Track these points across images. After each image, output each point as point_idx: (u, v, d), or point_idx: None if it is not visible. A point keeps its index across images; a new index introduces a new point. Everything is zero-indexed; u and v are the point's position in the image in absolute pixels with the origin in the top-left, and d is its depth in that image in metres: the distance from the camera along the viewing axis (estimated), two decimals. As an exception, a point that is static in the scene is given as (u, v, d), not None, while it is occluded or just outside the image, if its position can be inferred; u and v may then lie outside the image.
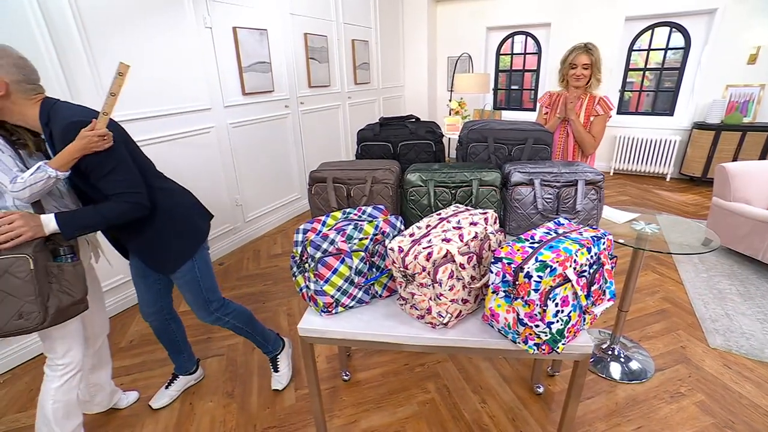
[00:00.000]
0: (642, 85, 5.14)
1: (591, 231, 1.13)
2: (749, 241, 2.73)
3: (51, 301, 1.17)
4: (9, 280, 1.11)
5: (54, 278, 1.19)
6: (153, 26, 2.49)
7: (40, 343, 2.17)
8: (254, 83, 3.34)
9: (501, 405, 1.71)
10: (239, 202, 3.38)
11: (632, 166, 5.14)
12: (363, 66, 4.83)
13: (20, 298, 1.12)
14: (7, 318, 1.12)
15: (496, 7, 5.39)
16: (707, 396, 1.74)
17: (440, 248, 1.07)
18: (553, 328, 1.00)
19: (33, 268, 1.13)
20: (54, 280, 1.19)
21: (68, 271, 1.22)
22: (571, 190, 1.43)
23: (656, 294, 2.51)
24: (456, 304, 1.13)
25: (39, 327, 1.16)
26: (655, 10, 4.62)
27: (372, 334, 1.19)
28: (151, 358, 2.09)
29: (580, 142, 2.08)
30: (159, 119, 2.61)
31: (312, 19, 3.93)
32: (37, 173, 1.15)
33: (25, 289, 1.13)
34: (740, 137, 4.36)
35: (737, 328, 2.20)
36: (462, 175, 1.45)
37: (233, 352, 2.13)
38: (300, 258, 1.26)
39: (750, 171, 2.87)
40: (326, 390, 1.82)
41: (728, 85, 4.54)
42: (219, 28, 2.95)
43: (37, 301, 1.14)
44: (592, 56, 1.98)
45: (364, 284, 1.25)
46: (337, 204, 1.52)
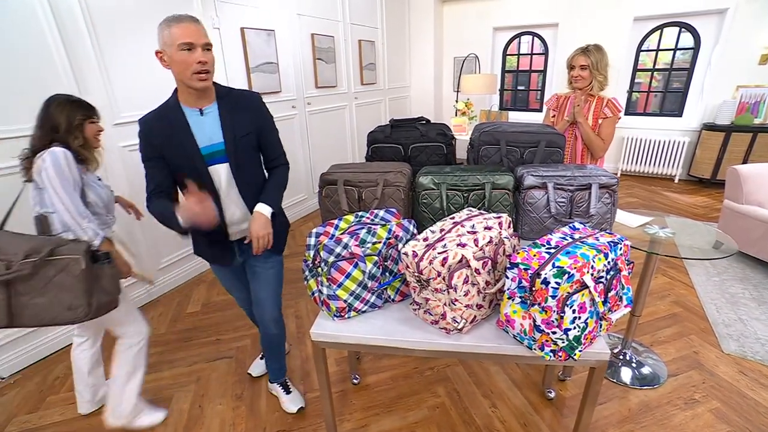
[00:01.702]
0: (650, 86, 5.09)
1: (608, 236, 1.12)
2: (762, 244, 2.70)
3: (94, 298, 1.35)
4: (64, 277, 1.30)
5: (96, 278, 1.36)
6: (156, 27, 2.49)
7: (49, 343, 2.22)
8: (261, 84, 3.34)
9: (512, 410, 1.69)
10: (246, 202, 3.38)
11: (640, 167, 5.10)
12: (369, 66, 4.82)
13: (71, 293, 1.31)
14: (61, 310, 1.31)
15: (502, 8, 5.36)
16: (722, 403, 1.71)
17: (455, 253, 1.05)
18: (570, 335, 0.99)
19: (84, 268, 1.30)
20: (96, 279, 1.36)
21: (106, 271, 1.39)
22: (585, 194, 1.42)
23: (667, 298, 2.49)
24: (471, 310, 1.12)
25: (84, 319, 1.34)
26: (664, 10, 4.57)
27: (385, 339, 1.18)
28: (160, 359, 2.09)
29: (589, 145, 2.06)
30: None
31: (319, 20, 3.92)
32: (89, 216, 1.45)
33: (77, 285, 1.31)
34: (751, 138, 4.31)
35: (752, 333, 2.17)
36: (474, 179, 1.43)
37: (242, 354, 2.13)
38: (312, 262, 1.26)
39: (763, 173, 2.83)
40: (336, 393, 1.81)
41: (739, 85, 4.48)
42: (227, 29, 2.95)
43: (84, 297, 1.32)
44: (590, 58, 1.96)
45: (378, 289, 1.24)
46: (348, 207, 1.51)
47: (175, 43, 1.22)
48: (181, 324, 2.40)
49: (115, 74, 2.27)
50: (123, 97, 2.33)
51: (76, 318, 1.33)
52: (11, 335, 2.03)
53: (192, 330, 2.34)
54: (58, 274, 1.29)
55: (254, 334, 2.28)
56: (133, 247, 1.79)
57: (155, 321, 2.42)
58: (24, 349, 2.09)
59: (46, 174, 1.35)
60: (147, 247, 2.59)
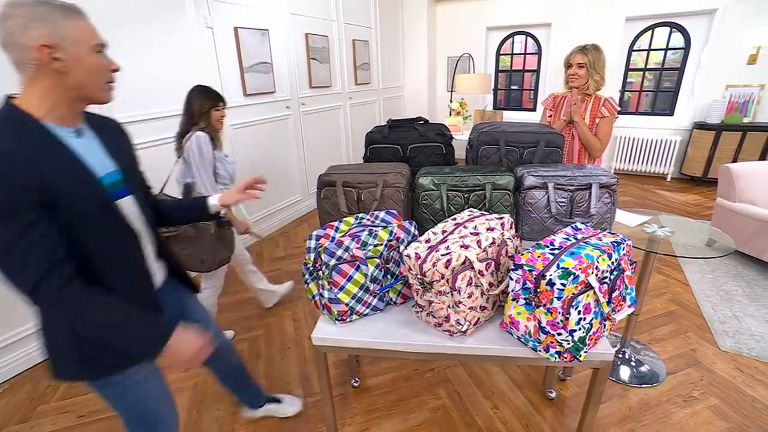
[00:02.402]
0: (642, 86, 5.14)
1: (610, 236, 1.11)
2: (754, 241, 2.73)
3: (217, 255, 1.77)
4: (201, 239, 1.71)
5: (220, 240, 1.77)
6: (153, 26, 2.45)
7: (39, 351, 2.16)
8: (255, 84, 3.30)
9: (513, 410, 1.69)
10: (241, 204, 3.34)
11: (633, 166, 5.15)
12: (363, 66, 4.80)
13: (203, 249, 1.73)
14: (196, 262, 1.73)
15: (496, 7, 5.38)
16: (721, 400, 1.73)
17: (459, 255, 1.04)
18: (576, 336, 0.99)
19: (213, 231, 1.74)
20: (220, 240, 1.77)
21: (227, 234, 1.83)
22: (585, 194, 1.42)
23: (663, 296, 2.51)
24: (474, 312, 1.11)
25: (207, 271, 1.79)
26: (655, 11, 4.62)
27: (388, 342, 1.17)
28: (155, 365, 2.05)
29: (586, 144, 2.06)
30: (160, 121, 2.57)
31: (313, 19, 3.90)
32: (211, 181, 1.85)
33: (207, 245, 1.73)
34: (740, 137, 4.37)
35: (746, 330, 2.19)
36: (475, 179, 1.42)
37: (239, 358, 2.10)
38: (313, 265, 1.24)
39: (754, 172, 2.87)
40: (336, 397, 1.79)
41: (728, 85, 4.54)
42: (220, 28, 2.91)
43: (210, 254, 1.74)
44: (587, 56, 1.97)
45: (379, 291, 1.22)
46: (347, 209, 1.50)
47: (88, 42, 0.90)
48: (176, 328, 2.36)
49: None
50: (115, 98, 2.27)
51: (202, 269, 1.76)
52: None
53: (187, 334, 2.30)
54: (199, 235, 1.71)
55: (251, 338, 2.25)
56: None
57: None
58: (13, 357, 2.03)
59: (191, 153, 1.81)
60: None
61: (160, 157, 2.58)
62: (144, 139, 2.47)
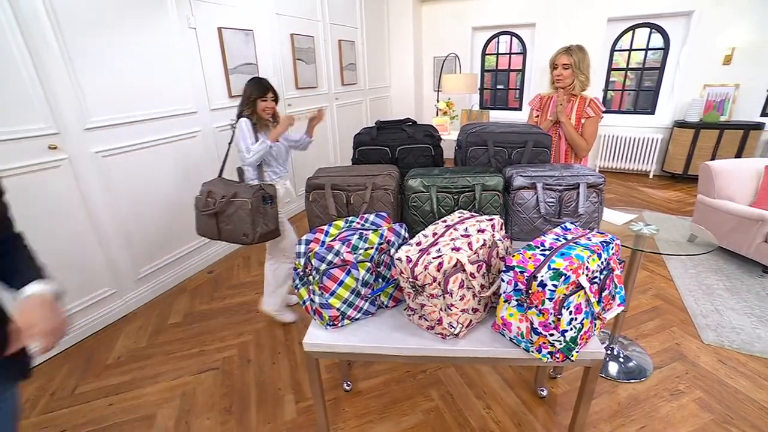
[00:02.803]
0: (624, 85, 5.24)
1: (599, 236, 1.13)
2: (733, 236, 2.81)
3: (258, 228, 1.90)
4: (240, 213, 1.88)
5: (261, 215, 1.91)
6: (134, 26, 2.39)
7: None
8: (241, 85, 3.18)
9: (506, 410, 1.70)
10: (227, 207, 3.29)
11: (617, 163, 5.24)
12: (350, 67, 4.78)
13: (244, 224, 1.88)
14: (238, 235, 1.91)
15: (480, 8, 5.42)
16: (705, 392, 1.77)
17: (450, 257, 1.04)
18: (567, 336, 0.99)
19: (250, 207, 1.86)
20: (261, 216, 1.91)
21: (269, 211, 1.95)
22: (573, 194, 1.43)
23: (648, 291, 2.56)
24: (466, 314, 1.11)
25: (250, 243, 1.92)
26: (635, 12, 4.72)
27: (381, 347, 1.16)
28: (141, 375, 2.00)
29: (573, 144, 2.08)
30: (143, 124, 2.51)
31: (298, 20, 3.86)
32: (261, 145, 2.00)
33: (246, 219, 1.87)
34: (718, 135, 4.49)
35: (727, 323, 2.25)
36: (464, 180, 1.42)
37: (228, 364, 2.07)
38: (303, 270, 1.22)
39: (732, 169, 2.95)
40: (328, 402, 1.78)
41: (705, 84, 4.67)
42: (203, 29, 2.86)
43: (251, 227, 1.88)
44: (572, 57, 1.99)
45: (371, 295, 1.21)
46: (336, 212, 1.48)
47: None
48: (163, 336, 2.31)
49: (85, 78, 2.15)
50: (94, 101, 2.21)
51: (245, 242, 1.91)
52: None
53: (174, 342, 2.25)
54: (237, 211, 1.88)
55: (241, 344, 2.22)
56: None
57: (135, 335, 2.32)
58: None
59: (234, 137, 2.05)
60: (123, 256, 2.48)
61: (145, 161, 2.53)
62: (126, 142, 2.41)
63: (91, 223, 2.26)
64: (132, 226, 2.51)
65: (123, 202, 2.44)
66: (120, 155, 2.39)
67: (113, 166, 2.35)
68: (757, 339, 2.11)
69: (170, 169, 2.75)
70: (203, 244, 3.09)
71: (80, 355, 2.16)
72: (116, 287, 2.44)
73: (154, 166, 2.63)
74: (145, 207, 2.60)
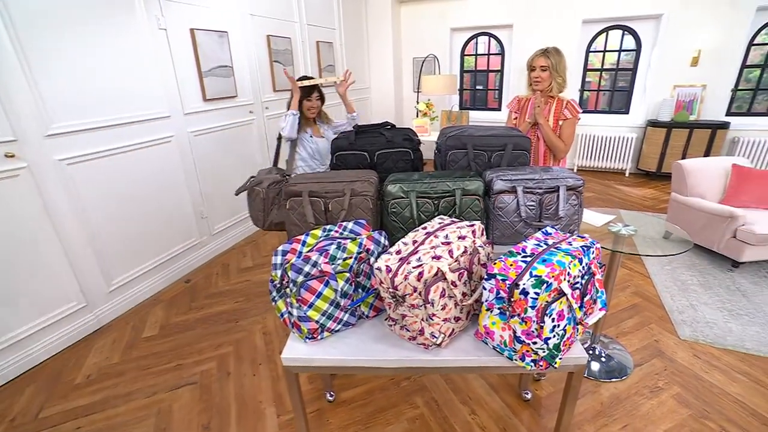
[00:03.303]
0: (599, 85, 5.36)
1: (580, 240, 1.12)
2: (705, 233, 2.89)
3: (269, 217, 1.99)
4: (257, 200, 1.98)
5: (275, 206, 1.98)
6: (99, 27, 2.28)
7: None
8: (216, 89, 3.16)
9: (491, 414, 1.69)
10: (204, 214, 3.19)
11: (594, 162, 5.36)
12: (328, 68, 4.72)
13: (257, 210, 1.99)
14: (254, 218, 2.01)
15: (459, 9, 5.44)
16: (683, 388, 1.80)
17: (431, 267, 1.02)
18: (550, 344, 0.98)
19: (262, 197, 1.96)
20: (275, 207, 1.98)
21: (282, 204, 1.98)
22: (553, 197, 1.43)
23: (627, 289, 2.61)
24: (448, 323, 1.08)
25: (261, 227, 2.03)
26: (608, 14, 4.83)
27: (362, 359, 1.13)
28: (113, 393, 1.90)
29: (551, 146, 2.10)
30: (114, 129, 2.41)
31: (274, 21, 3.78)
32: (287, 117, 2.19)
33: (258, 206, 1.98)
34: (688, 134, 4.64)
35: (701, 318, 2.31)
36: (444, 185, 1.40)
37: (207, 378, 1.99)
38: (280, 282, 1.17)
39: (703, 168, 3.04)
40: (311, 414, 1.73)
41: (675, 85, 4.82)
42: (175, 30, 2.76)
43: (262, 215, 1.99)
44: (550, 59, 2.01)
45: (350, 306, 1.18)
46: (314, 219, 1.44)
47: None
48: (137, 351, 2.21)
49: (46, 81, 2.04)
50: (56, 106, 2.10)
51: (258, 225, 2.02)
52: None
53: (150, 356, 2.16)
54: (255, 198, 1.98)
55: (220, 356, 2.14)
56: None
57: (107, 350, 2.21)
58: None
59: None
60: (93, 268, 2.37)
61: (115, 168, 2.42)
62: (94, 149, 2.30)
63: (56, 234, 2.15)
64: (102, 236, 2.40)
65: (92, 212, 2.32)
66: (87, 162, 2.27)
67: (79, 175, 2.24)
68: (728, 332, 2.17)
69: (143, 175, 2.64)
70: (180, 252, 2.98)
71: (45, 375, 2.04)
72: (86, 300, 2.32)
73: (125, 173, 2.52)
74: (117, 216, 2.48)
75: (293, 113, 2.18)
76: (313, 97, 2.27)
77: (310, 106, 2.28)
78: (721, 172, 3.04)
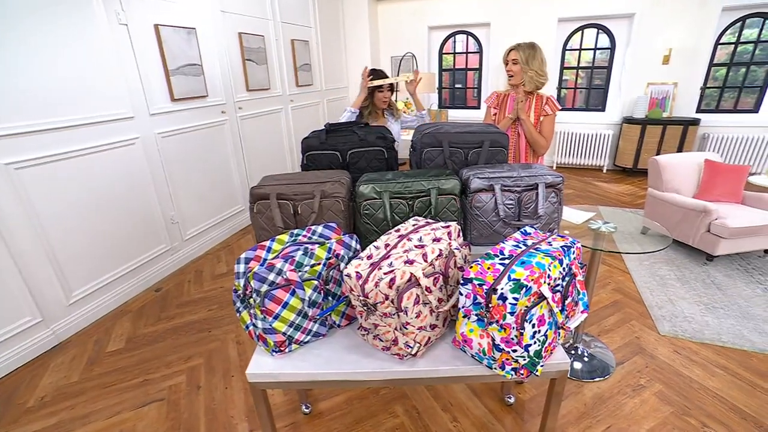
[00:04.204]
0: (576, 83, 5.42)
1: (560, 240, 1.07)
2: (681, 227, 2.93)
3: None
4: None
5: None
6: (52, 21, 2.12)
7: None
8: (184, 88, 3.02)
9: (473, 421, 1.63)
10: (175, 219, 3.05)
11: (572, 159, 5.41)
12: (304, 67, 4.61)
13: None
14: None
15: (436, 7, 5.41)
16: (664, 385, 1.79)
17: (403, 272, 0.94)
18: (531, 351, 0.92)
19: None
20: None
21: None
22: (532, 194, 1.38)
23: (608, 286, 2.60)
24: (424, 332, 1.02)
25: None
26: (583, 12, 4.88)
27: (334, 372, 1.04)
28: (69, 415, 1.76)
29: (532, 142, 2.07)
30: (70, 130, 2.25)
31: (246, 18, 3.66)
32: (346, 113, 2.26)
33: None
34: (662, 130, 4.74)
35: (680, 312, 2.32)
36: (419, 185, 1.34)
37: (175, 394, 1.87)
38: (243, 292, 1.08)
39: (677, 163, 3.08)
40: (285, 428, 1.64)
41: (649, 82, 4.91)
42: (137, 26, 2.61)
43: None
44: (520, 53, 2.00)
45: (320, 316, 1.10)
46: (283, 223, 1.35)
47: None
48: (99, 367, 2.06)
49: (-8, 79, 1.88)
50: (6, 105, 1.94)
51: None
52: None
53: (113, 372, 2.02)
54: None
55: (190, 368, 2.02)
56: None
57: (65, 368, 2.06)
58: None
59: None
60: (48, 280, 2.21)
61: (74, 172, 2.26)
62: (48, 152, 2.14)
63: (5, 243, 1.98)
64: (60, 245, 2.24)
65: (47, 219, 2.17)
66: (40, 166, 2.12)
67: (31, 179, 2.08)
68: (705, 326, 2.19)
69: (106, 180, 2.49)
70: (149, 260, 2.84)
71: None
72: (41, 315, 2.16)
73: (86, 178, 2.37)
74: (77, 223, 2.33)
75: (352, 111, 2.28)
76: (385, 88, 2.36)
77: (383, 97, 2.38)
78: (694, 168, 3.09)
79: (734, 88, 4.78)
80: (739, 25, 4.53)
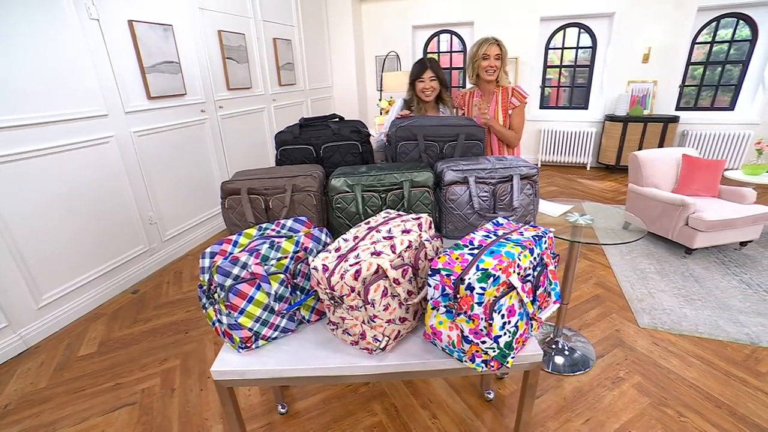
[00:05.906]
0: (559, 81, 5.47)
1: (531, 230, 1.06)
2: (660, 221, 2.96)
3: None
4: None
5: None
6: (20, 15, 2.05)
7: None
8: (161, 86, 2.96)
9: (452, 418, 1.61)
10: (153, 219, 2.98)
11: (557, 157, 5.46)
12: (287, 66, 4.57)
13: None
14: None
15: (420, 7, 5.42)
16: (642, 376, 1.80)
17: (369, 264, 0.92)
18: (501, 342, 0.91)
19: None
20: None
21: None
22: (507, 186, 1.37)
23: (590, 280, 2.61)
24: (393, 325, 0.99)
25: None
26: (564, 12, 4.94)
27: (302, 368, 1.01)
28: (34, 423, 1.69)
29: (504, 140, 2.07)
30: (41, 127, 2.18)
31: (226, 15, 3.60)
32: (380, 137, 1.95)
33: None
34: (643, 127, 4.80)
35: (659, 305, 2.34)
36: (392, 177, 1.32)
37: (148, 397, 1.81)
38: (208, 287, 1.05)
39: (656, 158, 3.12)
40: (261, 428, 1.60)
41: (629, 81, 4.98)
42: (109, 21, 2.54)
43: None
44: (501, 48, 1.98)
45: (287, 311, 1.06)
46: (254, 218, 1.32)
47: None
48: (69, 372, 1.99)
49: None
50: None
51: None
52: None
53: (84, 377, 1.95)
54: None
55: (165, 370, 1.97)
56: None
57: (32, 374, 1.98)
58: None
59: None
60: (15, 282, 2.13)
61: (43, 171, 2.19)
62: (13, 150, 2.06)
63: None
64: (29, 246, 2.16)
65: (13, 219, 2.08)
66: (7, 164, 2.04)
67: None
68: (684, 318, 2.21)
69: (79, 179, 2.41)
70: (126, 261, 2.76)
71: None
72: (7, 320, 2.08)
73: (56, 177, 2.29)
74: (47, 223, 2.25)
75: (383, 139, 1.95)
76: (426, 77, 1.97)
77: (424, 87, 2.00)
78: (673, 163, 3.13)
79: (711, 87, 4.88)
80: (714, 25, 4.63)
